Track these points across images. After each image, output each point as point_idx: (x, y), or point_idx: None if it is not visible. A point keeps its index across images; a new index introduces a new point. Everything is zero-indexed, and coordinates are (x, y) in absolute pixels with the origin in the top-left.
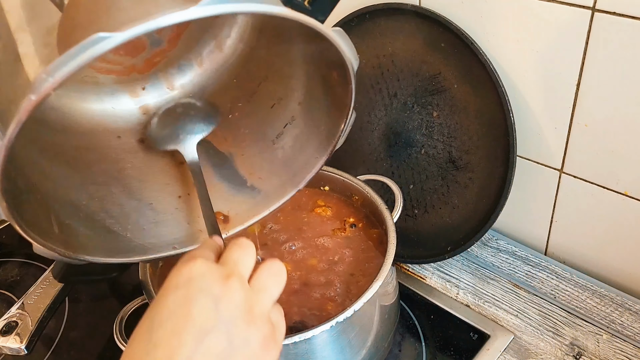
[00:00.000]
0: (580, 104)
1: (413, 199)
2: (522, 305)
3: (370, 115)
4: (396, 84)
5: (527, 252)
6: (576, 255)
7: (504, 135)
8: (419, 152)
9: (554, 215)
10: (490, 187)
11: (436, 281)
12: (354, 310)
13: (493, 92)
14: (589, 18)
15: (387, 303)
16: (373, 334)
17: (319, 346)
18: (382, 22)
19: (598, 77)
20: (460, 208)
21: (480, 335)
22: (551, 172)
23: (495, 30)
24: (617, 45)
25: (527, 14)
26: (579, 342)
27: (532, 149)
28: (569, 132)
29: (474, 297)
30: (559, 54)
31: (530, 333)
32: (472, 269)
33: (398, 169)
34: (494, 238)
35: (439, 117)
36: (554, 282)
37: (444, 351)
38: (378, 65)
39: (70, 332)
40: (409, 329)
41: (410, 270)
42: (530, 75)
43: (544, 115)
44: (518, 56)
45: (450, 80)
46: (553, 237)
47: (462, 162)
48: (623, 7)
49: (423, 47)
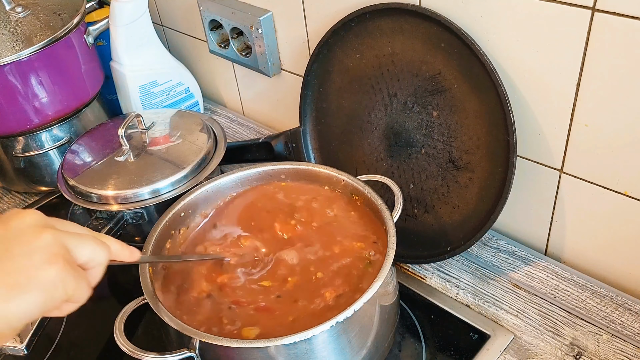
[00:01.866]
0: (580, 104)
1: (413, 199)
2: (522, 305)
3: (370, 115)
4: (396, 84)
5: (527, 252)
6: (576, 255)
7: (504, 135)
8: (419, 152)
9: (554, 215)
10: (490, 187)
11: (436, 281)
12: (354, 310)
13: (493, 92)
14: (589, 18)
15: (387, 303)
16: (373, 334)
17: (319, 346)
18: (382, 22)
19: (598, 77)
20: (460, 208)
21: (480, 335)
22: (551, 172)
23: (495, 30)
24: (617, 45)
25: (527, 14)
26: (579, 342)
27: (532, 149)
28: (569, 132)
29: (474, 297)
30: (559, 54)
31: (530, 333)
32: (472, 269)
33: (398, 169)
34: (494, 238)
35: (439, 117)
36: (554, 282)
37: (444, 351)
38: (378, 65)
39: (70, 332)
40: (409, 329)
41: (410, 270)
42: (530, 75)
43: (544, 115)
44: (518, 56)
45: (450, 80)
46: (553, 237)
47: (462, 162)
48: (623, 7)
49: (423, 47)
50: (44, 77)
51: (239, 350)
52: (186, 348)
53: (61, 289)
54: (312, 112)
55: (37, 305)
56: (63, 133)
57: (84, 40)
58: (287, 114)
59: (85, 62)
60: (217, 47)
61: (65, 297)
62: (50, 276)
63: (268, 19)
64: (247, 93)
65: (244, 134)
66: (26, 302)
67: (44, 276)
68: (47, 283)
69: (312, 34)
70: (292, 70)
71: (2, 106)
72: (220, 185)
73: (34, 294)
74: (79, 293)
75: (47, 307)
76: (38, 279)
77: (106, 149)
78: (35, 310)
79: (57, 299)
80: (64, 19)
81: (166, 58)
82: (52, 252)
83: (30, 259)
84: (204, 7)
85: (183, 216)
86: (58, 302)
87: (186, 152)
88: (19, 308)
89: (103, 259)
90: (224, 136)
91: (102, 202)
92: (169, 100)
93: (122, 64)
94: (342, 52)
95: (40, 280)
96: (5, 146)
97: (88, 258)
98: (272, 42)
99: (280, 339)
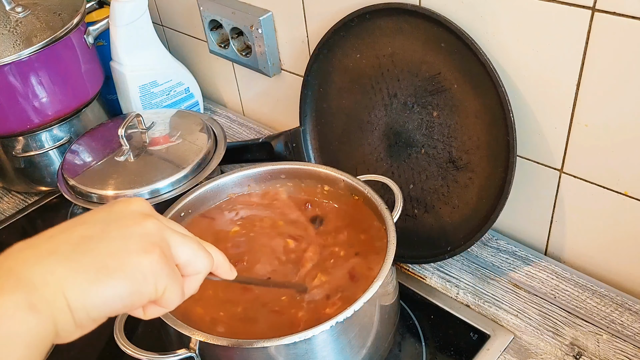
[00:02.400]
0: (580, 104)
1: (413, 199)
2: (522, 305)
3: (370, 115)
4: (396, 84)
5: (527, 252)
6: (576, 255)
7: (504, 135)
8: (419, 152)
9: (554, 215)
10: (490, 187)
11: (436, 281)
12: (354, 310)
13: (493, 92)
14: (589, 18)
15: (387, 303)
16: (373, 334)
17: (319, 346)
18: (382, 22)
19: (598, 77)
20: (460, 208)
21: (480, 335)
22: (551, 172)
23: (495, 30)
24: (617, 45)
25: (527, 14)
26: (579, 342)
27: (532, 149)
28: (569, 132)
29: (474, 297)
30: (559, 54)
31: (530, 333)
32: (472, 269)
33: (398, 169)
34: (494, 238)
35: (439, 117)
36: (554, 282)
37: (444, 351)
38: (378, 65)
39: None
40: (409, 329)
41: (410, 270)
42: (530, 76)
43: (544, 115)
44: (518, 56)
45: (450, 80)
46: (553, 237)
47: (462, 162)
48: (623, 7)
49: (423, 47)
50: (44, 77)
51: (239, 350)
52: (186, 348)
53: (152, 283)
54: (312, 112)
55: (122, 296)
56: (63, 133)
57: (84, 40)
58: (287, 114)
59: (85, 62)
60: (217, 47)
61: (154, 294)
62: (143, 265)
63: (268, 19)
64: (247, 93)
65: (244, 134)
66: (111, 289)
67: (135, 264)
68: (137, 273)
69: (312, 34)
70: (292, 70)
71: (2, 106)
72: (220, 185)
73: (121, 282)
74: (169, 295)
75: (132, 301)
76: (128, 266)
77: (106, 149)
78: (119, 301)
79: (145, 294)
80: (64, 19)
81: (166, 58)
82: (150, 241)
83: (125, 243)
84: (204, 7)
85: (183, 216)
86: (145, 299)
87: (186, 152)
88: (102, 295)
89: (203, 267)
90: (224, 136)
91: (102, 202)
92: (169, 100)
93: (122, 64)
94: (342, 52)
95: (131, 267)
96: (5, 146)
97: (187, 260)
98: (272, 42)
99: (281, 339)
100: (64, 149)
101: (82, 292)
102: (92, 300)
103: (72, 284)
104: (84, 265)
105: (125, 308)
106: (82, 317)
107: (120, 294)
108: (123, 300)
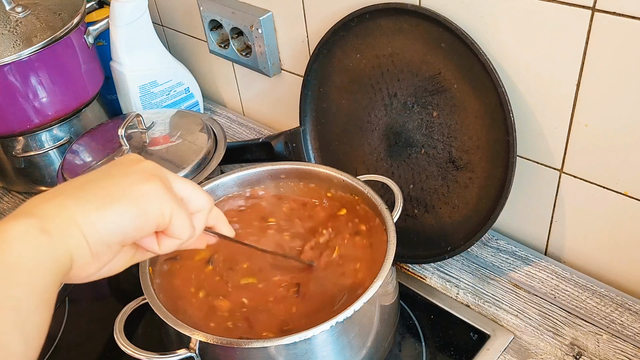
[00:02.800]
0: (580, 104)
1: (413, 199)
2: (522, 305)
3: (370, 115)
4: (396, 84)
5: (527, 252)
6: (576, 255)
7: (504, 135)
8: (419, 152)
9: (554, 215)
10: (490, 187)
11: (436, 281)
12: (354, 310)
13: (493, 92)
14: (589, 18)
15: (387, 303)
16: (373, 334)
17: (319, 346)
18: (382, 22)
19: (598, 77)
20: (460, 208)
21: (480, 335)
22: (551, 172)
23: (495, 30)
24: (617, 45)
25: (527, 14)
26: (579, 342)
27: (532, 149)
28: (569, 132)
29: (474, 297)
30: (559, 54)
31: (530, 333)
32: (472, 269)
33: (398, 169)
34: (494, 238)
35: (439, 117)
36: (554, 282)
37: (444, 351)
38: (378, 65)
39: (70, 332)
40: (409, 329)
41: (410, 270)
42: (531, 76)
43: (544, 115)
44: (518, 56)
45: (450, 80)
46: (553, 237)
47: (462, 162)
48: (623, 7)
49: (423, 47)
50: (44, 77)
51: (239, 350)
52: (186, 348)
53: (157, 206)
54: (312, 112)
55: (130, 217)
56: (63, 133)
57: (84, 40)
58: (287, 114)
59: (85, 62)
60: (217, 47)
61: (161, 218)
62: (145, 189)
63: (268, 19)
64: (247, 93)
65: (244, 134)
66: (118, 213)
67: (137, 189)
68: (140, 196)
69: (312, 34)
70: (292, 70)
71: (2, 106)
72: (220, 185)
73: (126, 205)
74: (177, 221)
75: (140, 223)
76: (131, 192)
77: (106, 149)
78: (128, 223)
79: (152, 216)
80: (64, 19)
81: (166, 58)
82: (149, 173)
83: (126, 178)
84: (204, 7)
85: None
86: (152, 222)
87: (186, 152)
88: (111, 219)
89: (204, 203)
90: (224, 136)
91: None
92: (169, 100)
93: (122, 64)
94: (342, 52)
95: (134, 193)
96: (5, 146)
97: (189, 195)
98: (272, 42)
99: (281, 339)
100: (64, 149)
101: (92, 217)
102: (104, 224)
103: (81, 212)
104: (90, 197)
105: (136, 231)
106: (96, 241)
107: (129, 215)
108: (132, 222)
